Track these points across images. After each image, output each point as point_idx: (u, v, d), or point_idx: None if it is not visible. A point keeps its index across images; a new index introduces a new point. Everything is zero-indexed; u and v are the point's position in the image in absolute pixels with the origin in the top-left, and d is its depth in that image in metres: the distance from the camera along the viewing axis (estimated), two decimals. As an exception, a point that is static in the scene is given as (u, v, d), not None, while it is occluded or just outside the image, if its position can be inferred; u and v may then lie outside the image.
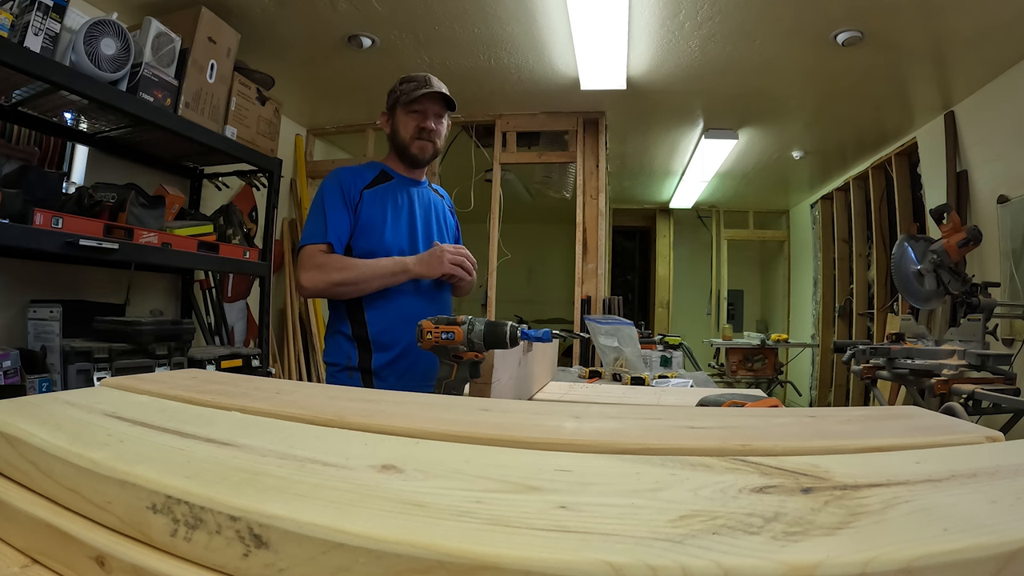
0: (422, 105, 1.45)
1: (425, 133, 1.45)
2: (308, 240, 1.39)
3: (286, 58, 2.93)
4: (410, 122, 1.45)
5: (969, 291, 2.37)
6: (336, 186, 1.41)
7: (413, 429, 0.50)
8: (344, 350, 1.39)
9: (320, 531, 0.30)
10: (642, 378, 1.70)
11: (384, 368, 1.38)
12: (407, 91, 1.44)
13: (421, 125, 1.45)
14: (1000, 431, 0.50)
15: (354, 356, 1.38)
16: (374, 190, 1.44)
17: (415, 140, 1.46)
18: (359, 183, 1.43)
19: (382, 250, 1.40)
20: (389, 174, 1.49)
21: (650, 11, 2.48)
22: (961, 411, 1.96)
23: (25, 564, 0.38)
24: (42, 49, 1.68)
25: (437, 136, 1.49)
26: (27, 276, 2.09)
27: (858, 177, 4.59)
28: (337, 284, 1.36)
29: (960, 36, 2.54)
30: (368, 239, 1.40)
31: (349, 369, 1.38)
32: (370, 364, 1.37)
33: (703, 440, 0.47)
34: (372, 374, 1.37)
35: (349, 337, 1.39)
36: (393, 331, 1.38)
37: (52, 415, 0.50)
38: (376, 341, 1.38)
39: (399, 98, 1.45)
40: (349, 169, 1.48)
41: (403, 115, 1.46)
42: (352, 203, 1.41)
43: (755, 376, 4.94)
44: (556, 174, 4.34)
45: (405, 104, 1.44)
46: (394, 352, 1.38)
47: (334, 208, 1.39)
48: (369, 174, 1.46)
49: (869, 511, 0.31)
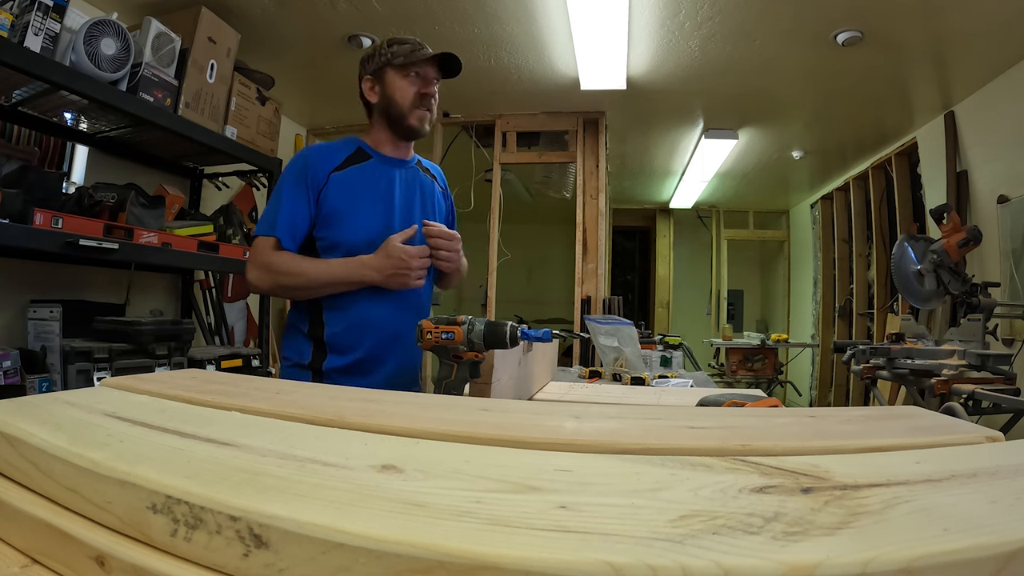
0: (423, 69, 1.27)
1: (427, 100, 1.28)
2: (260, 230, 1.25)
3: (286, 58, 2.93)
4: (408, 87, 1.27)
5: (969, 291, 2.37)
6: (300, 167, 1.25)
7: (413, 429, 0.50)
8: (299, 346, 1.27)
9: (320, 531, 0.30)
10: (642, 378, 1.70)
11: (336, 372, 1.23)
12: (403, 52, 1.26)
13: (423, 91, 1.27)
14: (1000, 431, 0.50)
15: (307, 354, 1.25)
16: (345, 172, 1.26)
17: (415, 109, 1.28)
18: (327, 165, 1.25)
19: (348, 242, 1.24)
20: (367, 152, 1.30)
21: (650, 11, 2.48)
22: (961, 411, 1.96)
23: (25, 564, 0.38)
24: (42, 49, 1.68)
25: (436, 105, 1.32)
26: (27, 276, 2.09)
27: (858, 177, 4.59)
28: (283, 288, 1.26)
29: (960, 36, 2.54)
30: (333, 228, 1.24)
31: (300, 366, 1.25)
32: (321, 365, 1.24)
33: (703, 440, 0.47)
34: (323, 375, 1.23)
35: (306, 335, 1.27)
36: (351, 335, 1.24)
37: (52, 415, 0.50)
38: (331, 343, 1.25)
39: (390, 60, 1.26)
40: (319, 148, 1.31)
41: (398, 79, 1.27)
42: (315, 188, 1.23)
43: (755, 376, 4.94)
44: (556, 174, 4.34)
45: (401, 67, 1.26)
46: (350, 358, 1.24)
47: (291, 195, 1.23)
48: (341, 153, 1.28)
49: (869, 511, 0.31)
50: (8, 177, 1.76)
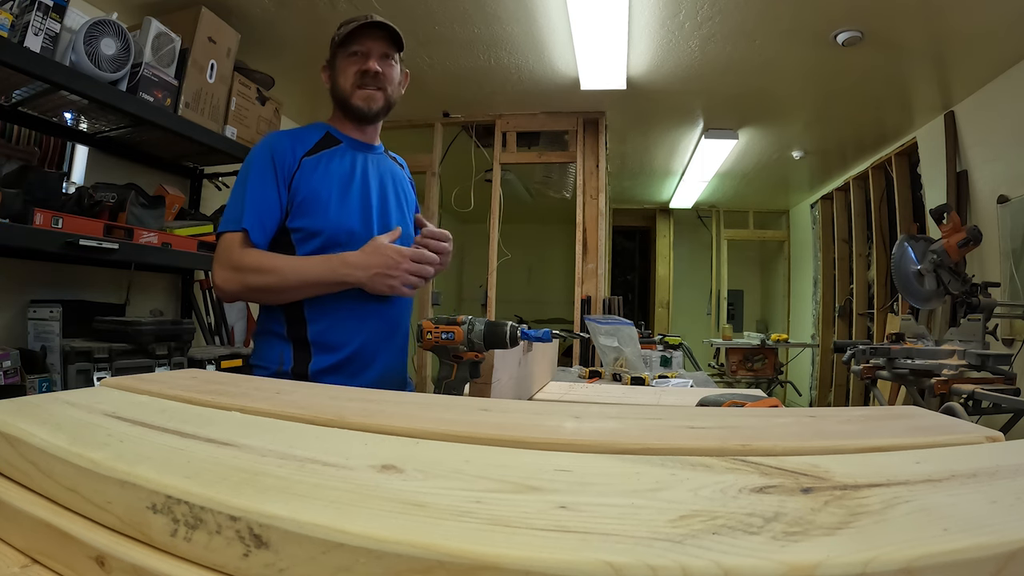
0: (362, 45, 1.18)
1: (368, 77, 1.18)
2: (224, 226, 1.13)
3: (286, 58, 2.92)
4: (349, 67, 1.19)
5: (969, 291, 2.38)
6: (266, 154, 1.14)
7: (413, 429, 0.50)
8: (276, 352, 1.15)
9: (320, 531, 0.30)
10: (642, 378, 1.70)
11: (324, 373, 1.12)
12: (343, 32, 1.18)
13: (362, 68, 1.18)
14: (1000, 431, 0.50)
15: (288, 359, 1.14)
16: (317, 156, 1.18)
17: (356, 89, 1.19)
18: (297, 148, 1.17)
19: (329, 230, 1.14)
20: (336, 137, 1.22)
21: (650, 11, 2.48)
22: (961, 411, 1.96)
23: (25, 564, 0.38)
24: (42, 49, 1.68)
25: (387, 81, 1.21)
26: (27, 276, 2.09)
27: (858, 177, 4.59)
28: (254, 290, 1.12)
29: (960, 36, 2.54)
30: (310, 216, 1.14)
31: (280, 375, 1.13)
32: (307, 368, 1.13)
33: (703, 440, 0.47)
34: (309, 379, 1.10)
35: (283, 337, 1.15)
36: (338, 330, 1.14)
37: (52, 415, 0.50)
38: (317, 342, 1.14)
39: (336, 42, 1.19)
40: (285, 132, 1.22)
41: (342, 61, 1.19)
42: (287, 174, 1.14)
43: (755, 376, 4.94)
44: (556, 174, 4.34)
45: (342, 46, 1.18)
46: (340, 355, 1.15)
47: (259, 182, 1.12)
48: (311, 137, 1.20)
49: (869, 511, 0.31)
50: (8, 177, 1.76)
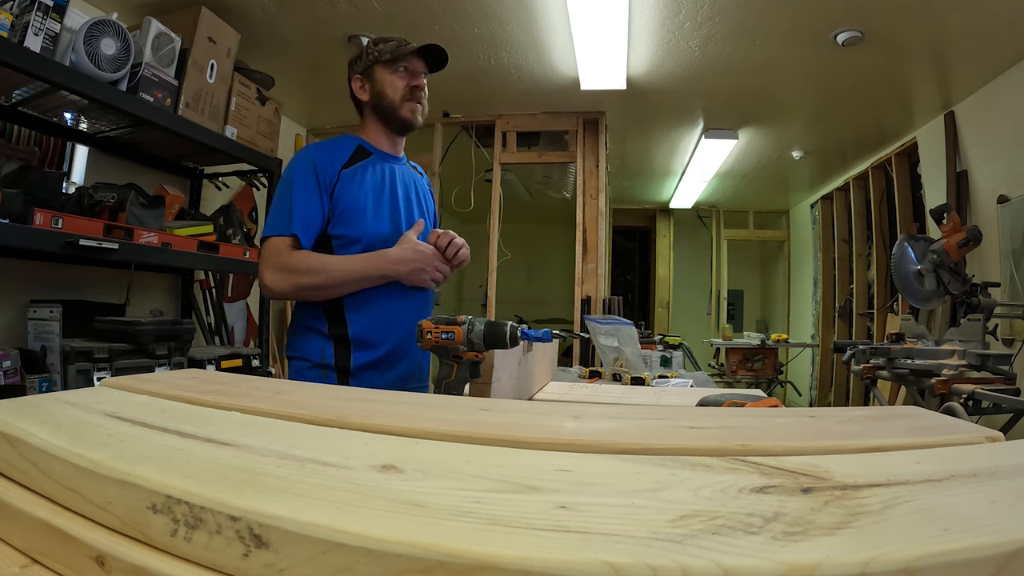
0: (410, 63, 1.32)
1: (416, 93, 1.32)
2: (271, 231, 1.24)
3: (286, 58, 2.93)
4: (398, 81, 1.31)
5: (969, 291, 2.37)
6: (308, 166, 1.25)
7: (413, 429, 0.50)
8: (317, 347, 1.27)
9: (320, 531, 0.30)
10: (642, 378, 1.70)
11: (364, 368, 1.26)
12: (389, 50, 1.30)
13: (412, 84, 1.31)
14: (1000, 431, 0.50)
15: (329, 354, 1.26)
16: (353, 168, 1.29)
17: (406, 102, 1.32)
18: (336, 162, 1.28)
19: (369, 237, 1.27)
20: (367, 149, 1.34)
21: (650, 11, 2.48)
22: (961, 411, 1.96)
23: (25, 564, 0.38)
24: (42, 49, 1.69)
25: (425, 97, 1.36)
26: (27, 276, 2.09)
27: (858, 177, 4.59)
28: (304, 289, 1.23)
29: (960, 36, 2.54)
30: (350, 225, 1.26)
31: (323, 367, 1.26)
32: (348, 364, 1.25)
33: (703, 440, 0.47)
34: (349, 374, 1.25)
35: (324, 334, 1.27)
36: (376, 329, 1.27)
37: (52, 415, 0.50)
38: (357, 339, 1.26)
39: (378, 58, 1.31)
40: (322, 144, 1.33)
41: (387, 75, 1.31)
42: (328, 185, 1.25)
43: (755, 376, 4.94)
44: (556, 174, 4.34)
45: (389, 63, 1.31)
46: (378, 352, 1.27)
47: (304, 192, 1.23)
48: (346, 150, 1.31)
49: (869, 511, 0.31)
50: (8, 177, 1.76)
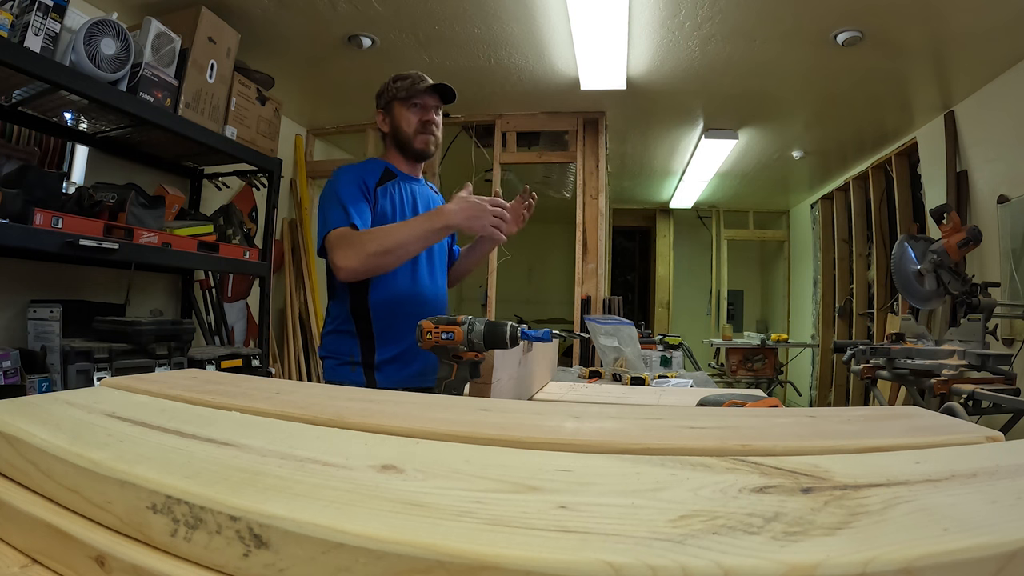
0: (422, 99, 1.48)
1: (428, 126, 1.49)
2: (332, 224, 1.35)
3: (286, 58, 2.93)
4: (412, 117, 1.48)
5: (969, 291, 2.37)
6: (352, 178, 1.42)
7: (413, 429, 0.50)
8: (347, 345, 1.42)
9: (320, 531, 0.30)
10: (642, 378, 1.70)
11: (387, 363, 1.41)
12: (405, 87, 1.47)
13: (424, 118, 1.48)
14: (1000, 431, 0.50)
15: (356, 351, 1.41)
16: (384, 187, 1.46)
17: (419, 134, 1.49)
18: (371, 179, 1.44)
19: None
20: (392, 171, 1.50)
21: (650, 11, 2.48)
22: (961, 411, 1.96)
23: (25, 564, 0.38)
24: (42, 49, 1.68)
25: (438, 128, 1.52)
26: (27, 276, 2.09)
27: (858, 177, 4.59)
28: (374, 255, 1.31)
29: (960, 36, 2.54)
30: None
31: (351, 363, 1.41)
32: (373, 359, 1.41)
33: (703, 440, 0.47)
34: (375, 368, 1.40)
35: (352, 333, 1.42)
36: (396, 328, 1.41)
37: (52, 415, 0.50)
38: (381, 336, 1.41)
39: (395, 94, 1.48)
40: (356, 166, 1.49)
41: (403, 110, 1.48)
42: (370, 195, 1.42)
43: (755, 376, 4.94)
44: (556, 174, 4.34)
45: (404, 99, 1.47)
46: (399, 347, 1.41)
47: (352, 198, 1.38)
48: (376, 171, 1.47)
49: (869, 511, 0.31)
50: (8, 177, 1.76)
